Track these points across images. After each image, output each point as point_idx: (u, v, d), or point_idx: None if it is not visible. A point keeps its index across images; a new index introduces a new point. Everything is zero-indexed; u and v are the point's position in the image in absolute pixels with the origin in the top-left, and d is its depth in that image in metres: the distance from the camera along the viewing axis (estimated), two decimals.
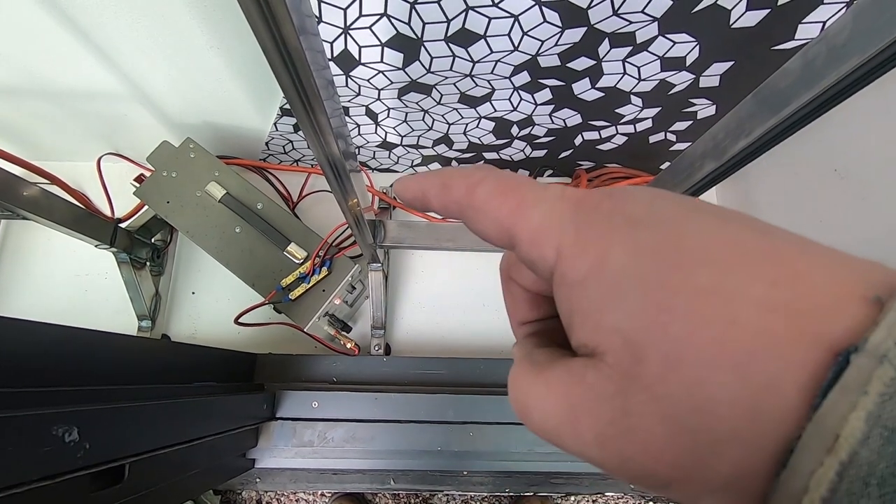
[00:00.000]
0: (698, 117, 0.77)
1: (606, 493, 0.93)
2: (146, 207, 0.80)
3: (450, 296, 0.95)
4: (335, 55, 0.63)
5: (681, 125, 0.79)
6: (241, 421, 0.66)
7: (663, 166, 0.94)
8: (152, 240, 0.85)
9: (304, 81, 0.32)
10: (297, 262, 0.74)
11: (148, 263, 0.84)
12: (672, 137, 0.83)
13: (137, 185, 0.78)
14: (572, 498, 0.95)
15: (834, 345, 0.10)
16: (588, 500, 0.94)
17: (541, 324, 0.19)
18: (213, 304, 0.93)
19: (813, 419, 0.10)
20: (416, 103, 0.75)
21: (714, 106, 0.73)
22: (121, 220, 0.77)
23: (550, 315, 0.19)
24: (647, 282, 0.12)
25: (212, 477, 0.68)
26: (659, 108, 0.75)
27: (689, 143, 0.85)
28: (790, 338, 0.11)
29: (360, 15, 0.57)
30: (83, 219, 0.69)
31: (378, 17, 0.57)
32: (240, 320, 0.76)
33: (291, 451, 0.78)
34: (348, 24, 0.58)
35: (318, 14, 0.57)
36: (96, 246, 0.73)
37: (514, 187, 0.16)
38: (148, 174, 0.79)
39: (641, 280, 0.12)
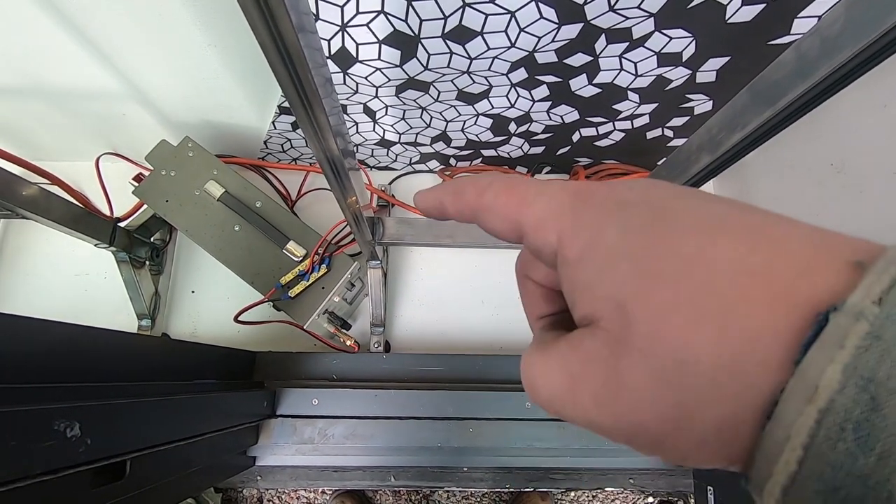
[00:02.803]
0: (695, 113, 0.77)
1: (606, 489, 0.93)
2: (145, 206, 0.80)
3: (449, 293, 0.95)
4: (332, 53, 0.63)
5: (678, 121, 0.80)
6: (242, 418, 0.67)
7: (660, 162, 0.94)
8: (151, 239, 0.86)
9: (303, 79, 0.32)
10: (297, 259, 0.74)
11: (147, 262, 0.84)
12: (669, 133, 0.83)
13: (136, 184, 0.78)
14: (572, 493, 0.95)
15: (816, 305, 0.11)
16: (588, 495, 0.95)
17: (555, 317, 0.20)
18: (213, 302, 0.93)
19: (795, 373, 0.11)
20: (414, 100, 0.75)
21: (711, 101, 0.74)
22: (120, 220, 0.77)
23: (563, 309, 0.20)
24: (636, 253, 0.13)
25: (212, 474, 0.69)
26: (656, 104, 0.75)
27: (686, 139, 0.85)
28: (769, 299, 0.11)
29: (358, 12, 0.57)
30: (82, 218, 0.69)
31: (375, 14, 0.57)
32: (239, 318, 0.76)
33: (292, 449, 0.78)
34: (345, 21, 0.58)
35: (315, 11, 0.57)
36: (95, 245, 0.73)
37: (518, 184, 0.17)
38: (147, 173, 0.79)
39: (631, 252, 0.13)
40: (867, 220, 0.65)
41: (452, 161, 0.97)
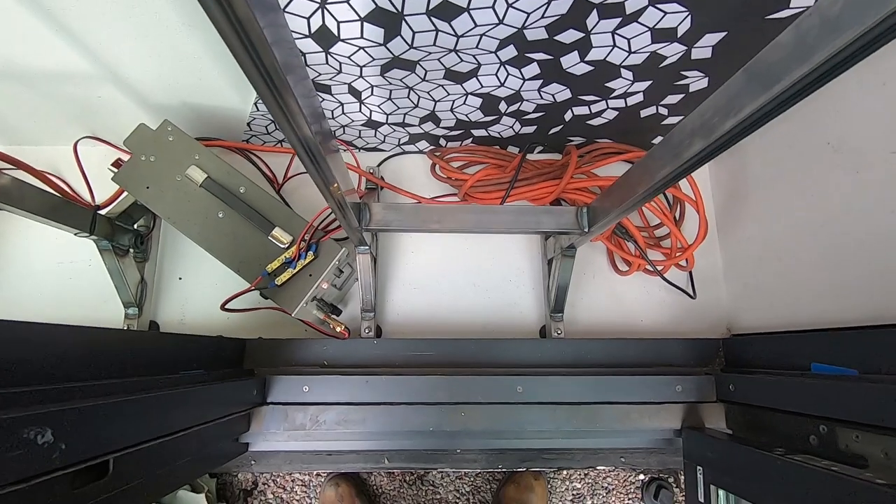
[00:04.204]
0: (690, 90, 0.75)
1: (598, 467, 0.95)
2: (126, 193, 0.78)
3: (440, 276, 0.94)
4: (313, 31, 0.60)
5: (673, 98, 0.77)
6: (231, 407, 0.66)
7: (655, 141, 0.92)
8: (135, 226, 0.84)
9: (266, 62, 0.29)
10: (283, 246, 0.73)
11: (131, 250, 0.82)
12: (664, 111, 0.81)
13: (115, 170, 0.76)
14: (564, 472, 0.96)
15: None
16: (580, 474, 0.96)
17: None
18: (201, 289, 0.92)
19: None
20: (400, 80, 0.72)
21: (706, 78, 0.71)
22: (100, 207, 0.75)
23: None
24: None
25: (204, 463, 0.69)
26: (650, 82, 0.72)
27: (682, 117, 0.83)
28: None
29: None
30: (60, 207, 0.67)
31: None
32: (226, 307, 0.75)
33: (284, 435, 0.78)
34: None
35: None
36: (76, 234, 0.71)
37: None
38: (126, 158, 0.77)
39: None
40: (864, 200, 0.64)
41: (442, 141, 0.94)
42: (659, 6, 0.57)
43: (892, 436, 0.50)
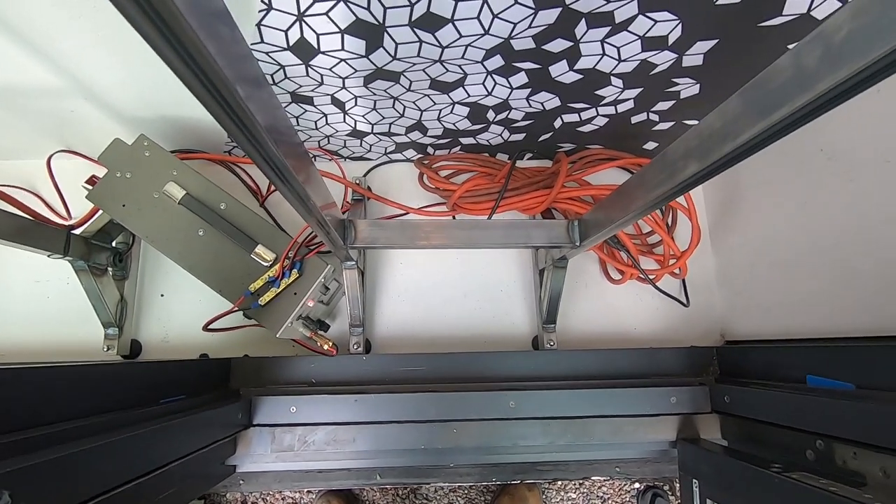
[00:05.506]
0: (682, 97, 0.73)
1: (592, 477, 0.94)
2: (101, 211, 0.75)
3: (430, 287, 0.92)
4: (291, 44, 0.58)
5: (664, 105, 0.76)
6: (216, 434, 0.64)
7: (647, 146, 0.91)
8: (113, 243, 0.81)
9: (213, 78, 0.25)
10: (266, 264, 0.71)
11: (110, 269, 0.79)
12: (655, 118, 0.80)
13: (90, 187, 0.73)
14: (559, 483, 0.95)
15: None
16: (574, 485, 0.95)
17: None
18: (184, 305, 0.89)
19: None
20: (385, 91, 0.70)
21: (698, 85, 0.70)
22: (74, 227, 0.72)
23: None
24: None
25: (188, 491, 0.66)
26: (641, 89, 0.71)
27: (673, 123, 0.81)
28: None
29: (315, 0, 0.52)
30: (30, 229, 0.64)
31: (334, 1, 0.52)
32: (210, 327, 0.72)
33: (272, 456, 0.76)
34: (302, 10, 0.53)
35: (267, 0, 0.51)
36: (49, 256, 0.68)
37: None
38: (102, 174, 0.74)
39: None
40: (857, 209, 0.63)
41: (430, 150, 0.92)
42: (649, 15, 0.55)
43: (891, 454, 0.49)
